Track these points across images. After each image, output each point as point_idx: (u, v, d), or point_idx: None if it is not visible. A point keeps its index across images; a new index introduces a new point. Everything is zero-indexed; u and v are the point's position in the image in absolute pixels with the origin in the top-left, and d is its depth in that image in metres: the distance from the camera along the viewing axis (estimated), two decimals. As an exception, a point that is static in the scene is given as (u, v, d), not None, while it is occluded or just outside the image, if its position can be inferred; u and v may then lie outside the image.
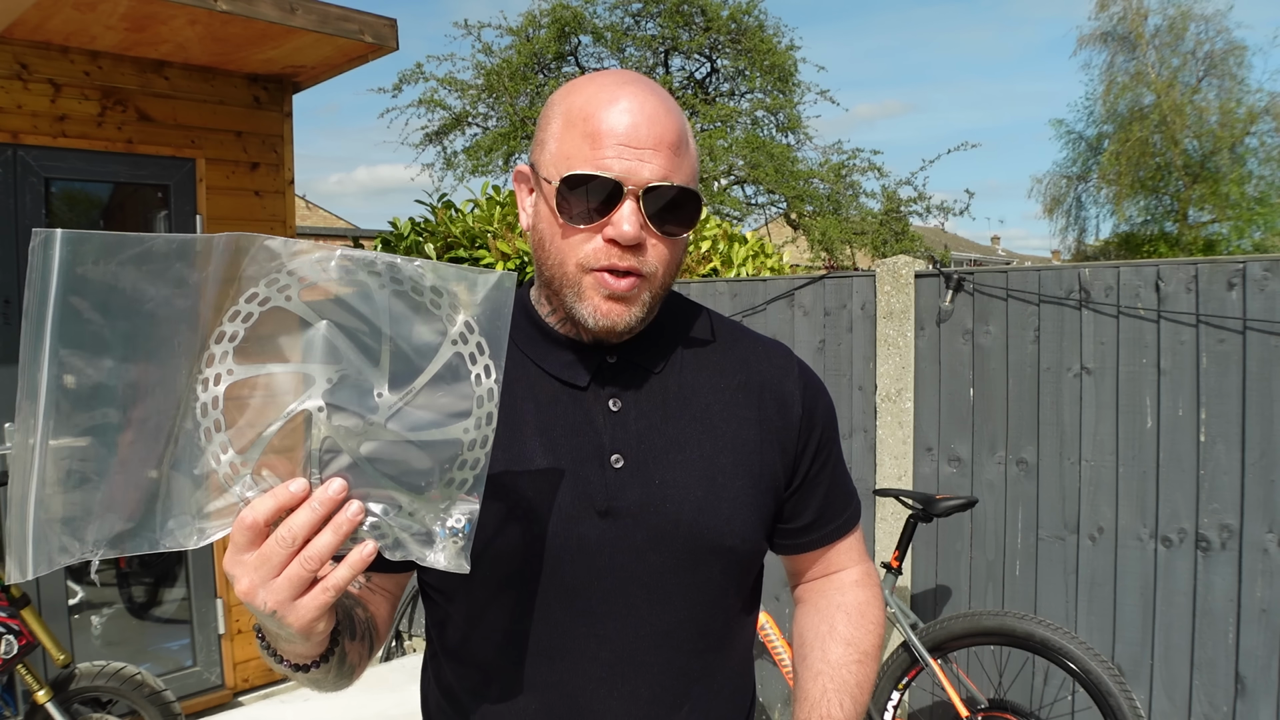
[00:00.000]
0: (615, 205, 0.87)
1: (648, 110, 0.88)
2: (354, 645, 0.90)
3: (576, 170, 0.87)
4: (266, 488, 0.68)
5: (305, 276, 0.67)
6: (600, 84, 0.91)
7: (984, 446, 2.87)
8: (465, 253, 4.40)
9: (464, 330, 0.69)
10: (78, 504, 0.65)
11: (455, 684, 1.01)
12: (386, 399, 0.68)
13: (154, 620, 3.71)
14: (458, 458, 0.70)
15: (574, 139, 0.89)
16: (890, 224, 14.68)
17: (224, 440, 0.67)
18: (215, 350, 0.66)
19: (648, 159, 0.87)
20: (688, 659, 0.97)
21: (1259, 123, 20.45)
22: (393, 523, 0.70)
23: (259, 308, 0.66)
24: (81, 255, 0.62)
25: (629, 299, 0.90)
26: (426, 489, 0.70)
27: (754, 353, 1.05)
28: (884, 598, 1.16)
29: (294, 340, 0.67)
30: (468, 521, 0.71)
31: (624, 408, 0.96)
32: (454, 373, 0.69)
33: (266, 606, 0.69)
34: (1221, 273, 2.44)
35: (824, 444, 1.06)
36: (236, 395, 0.66)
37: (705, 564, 0.95)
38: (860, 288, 3.12)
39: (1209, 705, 2.47)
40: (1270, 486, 2.38)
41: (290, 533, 0.67)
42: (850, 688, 1.02)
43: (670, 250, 0.92)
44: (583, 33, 15.34)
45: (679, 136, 0.90)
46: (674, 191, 0.89)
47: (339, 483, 0.68)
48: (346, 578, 0.69)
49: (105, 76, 3.37)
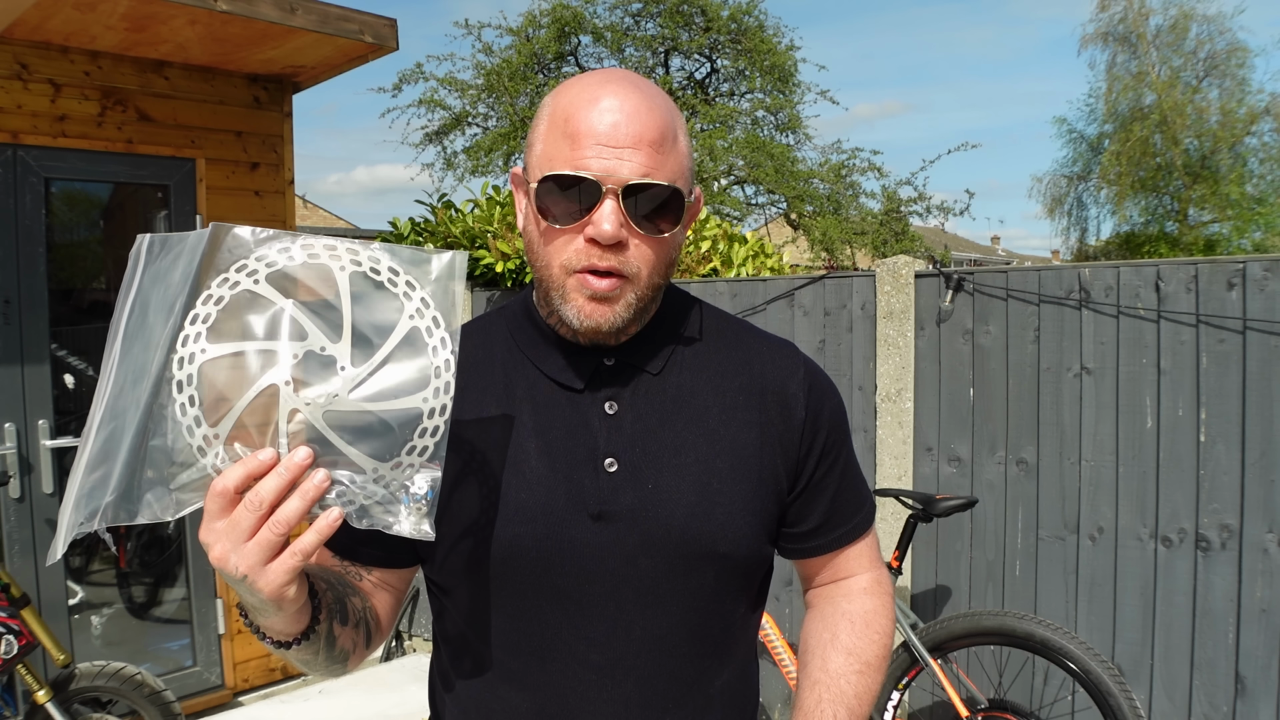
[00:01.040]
0: (595, 205, 0.87)
1: (628, 108, 0.87)
2: (346, 630, 0.91)
3: (556, 171, 0.88)
4: (238, 459, 0.71)
5: (273, 261, 0.72)
6: (584, 84, 0.91)
7: (984, 446, 2.87)
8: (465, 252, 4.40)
9: (421, 306, 0.74)
10: (96, 480, 0.72)
11: (454, 676, 1.02)
12: (349, 372, 0.72)
13: (154, 620, 3.71)
14: (418, 425, 0.73)
15: (556, 140, 0.89)
16: (890, 224, 14.67)
17: (197, 415, 0.71)
18: (189, 330, 0.71)
19: (627, 157, 0.86)
20: (681, 664, 0.96)
21: (1259, 123, 20.45)
22: (358, 490, 0.73)
23: (229, 290, 0.71)
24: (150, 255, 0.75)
25: (611, 299, 0.90)
26: (390, 457, 0.73)
27: (757, 353, 1.03)
28: (894, 605, 1.12)
29: (261, 320, 0.71)
30: (430, 488, 0.74)
31: (620, 411, 0.96)
32: (412, 345, 0.73)
33: (238, 571, 0.71)
34: (1221, 273, 2.44)
35: (831, 447, 1.03)
36: (209, 373, 0.70)
37: (698, 570, 0.94)
38: (860, 288, 3.11)
39: (1209, 705, 2.47)
40: (1270, 486, 2.38)
41: (258, 497, 0.70)
42: (848, 699, 1.00)
43: (656, 250, 0.91)
44: (583, 33, 15.34)
45: (662, 133, 0.89)
46: (655, 189, 0.88)
47: (305, 450, 0.70)
48: (314, 542, 0.72)
49: (105, 76, 3.37)
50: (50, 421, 3.28)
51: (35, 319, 3.26)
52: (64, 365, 3.42)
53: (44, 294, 3.28)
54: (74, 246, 3.54)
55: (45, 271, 3.29)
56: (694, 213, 1.00)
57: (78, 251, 3.57)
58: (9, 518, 3.21)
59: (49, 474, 3.28)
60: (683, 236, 0.97)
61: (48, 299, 3.29)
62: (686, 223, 0.99)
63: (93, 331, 3.57)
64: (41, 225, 3.28)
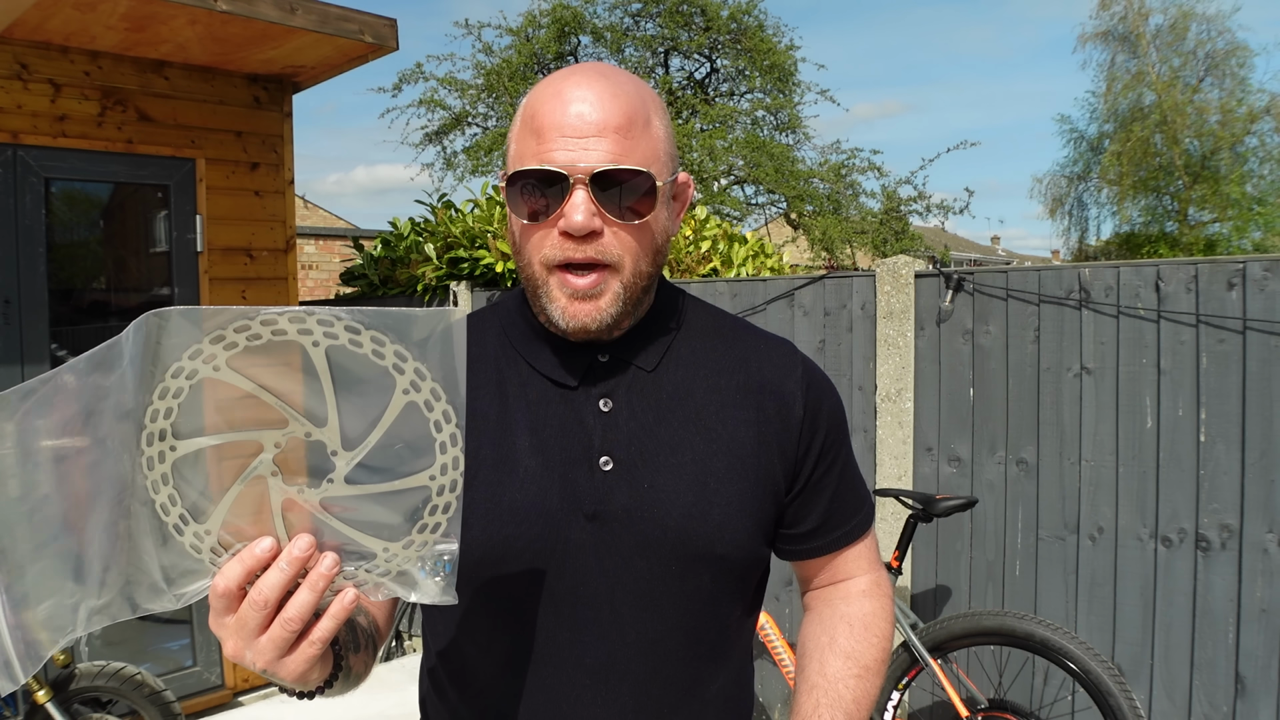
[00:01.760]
0: (566, 197, 0.86)
1: (591, 97, 0.86)
2: (359, 657, 0.89)
3: (523, 167, 0.87)
4: (236, 551, 0.67)
5: (232, 343, 0.64)
6: (550, 80, 0.90)
7: (984, 446, 2.87)
8: (465, 252, 4.40)
9: (415, 379, 0.66)
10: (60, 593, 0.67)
11: (445, 681, 1.00)
12: (342, 457, 0.66)
13: (154, 620, 3.71)
14: (428, 503, 0.68)
15: (525, 137, 0.89)
16: (890, 223, 14.67)
17: (182, 513, 0.66)
18: (152, 429, 0.65)
19: (592, 145, 0.85)
20: (676, 668, 0.94)
21: (1260, 122, 20.45)
22: (370, 570, 0.69)
23: (187, 382, 0.64)
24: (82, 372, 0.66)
25: (595, 295, 0.88)
26: (400, 537, 0.69)
27: (755, 351, 1.01)
28: (894, 608, 1.09)
29: (231, 408, 0.65)
30: (448, 561, 0.70)
31: (615, 408, 0.94)
32: (410, 423, 0.67)
33: (256, 666, 0.68)
34: (1221, 273, 2.44)
35: (829, 447, 1.01)
36: (184, 470, 0.65)
37: (694, 571, 0.92)
38: (860, 288, 3.11)
39: (1209, 705, 2.47)
40: (1270, 486, 2.38)
41: (261, 595, 0.66)
42: (845, 703, 0.98)
43: (636, 236, 0.89)
44: (583, 33, 15.33)
45: (629, 118, 0.87)
46: (623, 174, 0.86)
47: (305, 539, 0.66)
48: (331, 629, 0.68)
49: (105, 76, 3.37)
50: (50, 421, 3.28)
51: (35, 319, 3.26)
52: (64, 365, 3.42)
53: (44, 294, 3.28)
54: (74, 246, 3.54)
55: (45, 271, 3.29)
56: (684, 197, 0.97)
57: (78, 251, 3.57)
58: (9, 518, 3.21)
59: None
60: (670, 222, 0.95)
61: (48, 299, 3.29)
62: (676, 209, 0.96)
63: (93, 331, 3.57)
64: (41, 225, 3.28)
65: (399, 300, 4.64)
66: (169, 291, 3.61)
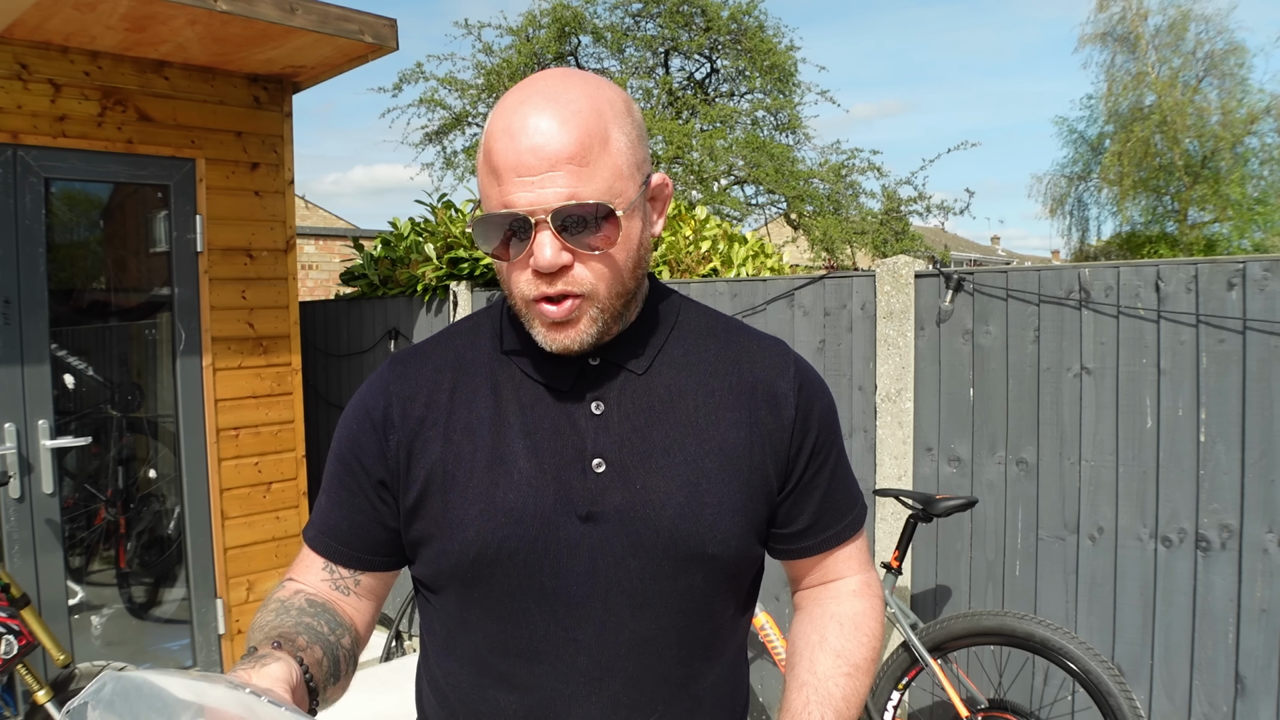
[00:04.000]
0: (531, 237, 0.87)
1: (543, 128, 0.85)
2: (338, 686, 0.91)
3: (489, 212, 0.88)
4: None
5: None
6: (502, 109, 0.89)
7: (984, 446, 2.87)
8: (465, 252, 4.40)
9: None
10: None
11: (441, 679, 1.01)
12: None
13: (154, 620, 3.72)
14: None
15: (486, 176, 0.90)
16: (890, 224, 14.68)
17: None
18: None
19: (548, 183, 0.85)
20: (669, 666, 0.95)
21: (1260, 123, 20.45)
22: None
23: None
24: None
25: (572, 321, 0.90)
26: None
27: (747, 351, 1.02)
28: (884, 608, 1.10)
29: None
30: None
31: (606, 411, 0.95)
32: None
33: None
34: (1221, 273, 2.44)
35: (821, 447, 1.02)
36: None
37: (687, 571, 0.94)
38: (860, 288, 3.11)
39: (1209, 705, 2.47)
40: (1270, 486, 2.38)
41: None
42: (835, 701, 0.99)
43: (606, 262, 0.90)
44: (583, 33, 15.34)
45: (584, 145, 0.85)
46: (582, 209, 0.86)
47: None
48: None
49: (105, 76, 3.37)
50: (50, 421, 3.29)
51: (35, 319, 3.27)
52: (64, 365, 3.43)
53: (44, 294, 3.28)
54: (74, 246, 3.55)
55: (45, 271, 3.29)
56: (663, 197, 0.97)
57: (78, 251, 3.57)
58: (9, 518, 3.21)
59: (49, 474, 3.28)
60: (649, 228, 0.95)
61: (48, 299, 3.30)
62: (656, 209, 0.96)
63: (93, 332, 3.58)
64: (41, 225, 3.28)
65: (399, 300, 4.64)
66: (169, 291, 3.61)
